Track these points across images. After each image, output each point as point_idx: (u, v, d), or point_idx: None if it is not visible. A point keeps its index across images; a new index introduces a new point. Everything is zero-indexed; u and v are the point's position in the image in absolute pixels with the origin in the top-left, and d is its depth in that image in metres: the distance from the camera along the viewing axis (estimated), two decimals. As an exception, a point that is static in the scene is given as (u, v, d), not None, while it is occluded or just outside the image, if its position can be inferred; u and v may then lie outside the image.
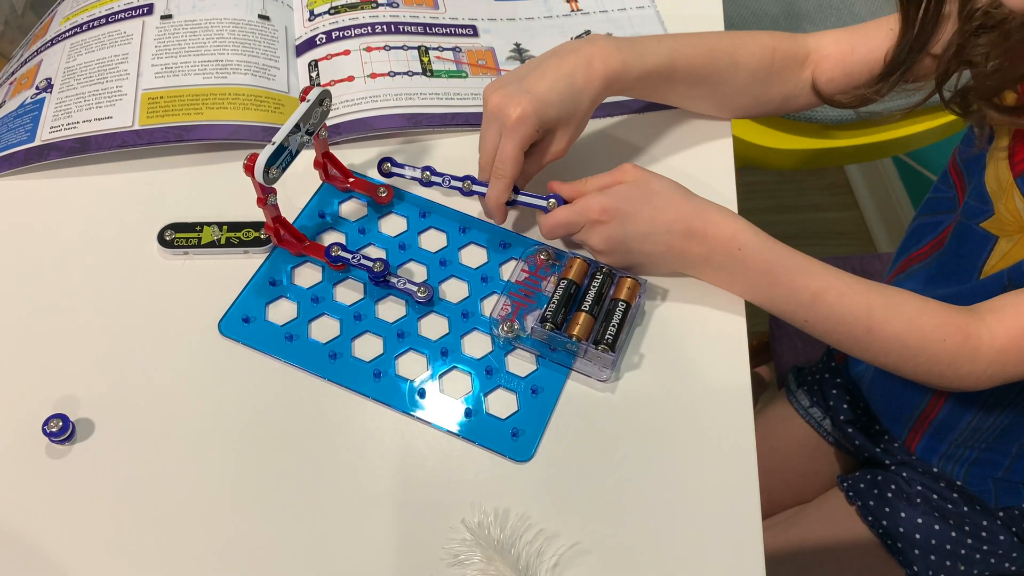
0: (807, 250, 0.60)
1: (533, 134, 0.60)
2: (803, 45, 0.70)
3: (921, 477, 0.75)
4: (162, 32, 0.76)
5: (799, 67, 0.70)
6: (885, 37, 0.67)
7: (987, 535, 0.72)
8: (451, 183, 0.66)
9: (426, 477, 0.56)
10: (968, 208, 0.66)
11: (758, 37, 0.70)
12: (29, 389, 0.58)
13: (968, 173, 0.67)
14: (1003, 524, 0.72)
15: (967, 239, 0.66)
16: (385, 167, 0.68)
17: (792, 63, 0.70)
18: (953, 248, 0.68)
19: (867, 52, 0.68)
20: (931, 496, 0.74)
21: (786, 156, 1.07)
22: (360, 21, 0.79)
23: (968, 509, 0.73)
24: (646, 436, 0.58)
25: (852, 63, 0.69)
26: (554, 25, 0.82)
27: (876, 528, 0.75)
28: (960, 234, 0.67)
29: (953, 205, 0.69)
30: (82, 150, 0.69)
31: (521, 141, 0.60)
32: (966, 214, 0.66)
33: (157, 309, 0.62)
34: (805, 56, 0.70)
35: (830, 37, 0.70)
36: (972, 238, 0.65)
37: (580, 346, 0.59)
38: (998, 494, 0.72)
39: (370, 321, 0.62)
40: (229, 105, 0.71)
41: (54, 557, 0.52)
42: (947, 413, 0.71)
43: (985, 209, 0.63)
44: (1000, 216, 0.62)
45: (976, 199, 0.65)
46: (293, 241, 0.65)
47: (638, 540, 0.54)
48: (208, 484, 0.55)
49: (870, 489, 0.77)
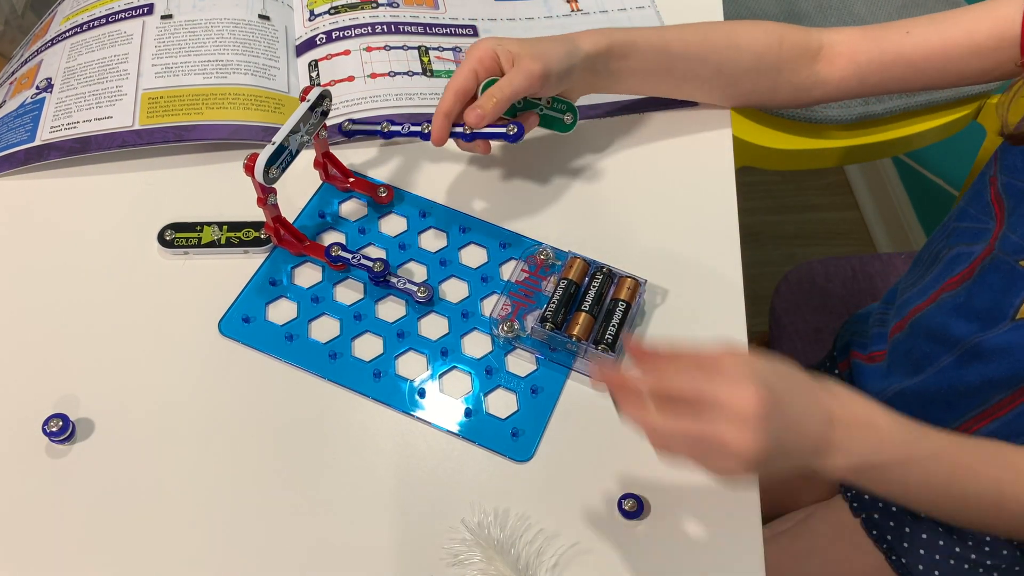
0: (807, 250, 0.59)
1: (534, 89, 0.61)
2: (815, 38, 0.70)
3: None
4: (162, 32, 0.76)
5: (811, 60, 0.70)
6: (899, 39, 0.67)
7: (990, 549, 0.72)
8: (410, 129, 0.65)
9: (426, 477, 0.56)
10: (1007, 242, 0.63)
11: (762, 24, 0.70)
12: (29, 389, 0.58)
13: (1011, 205, 0.64)
14: (1006, 539, 0.72)
15: (1003, 276, 0.63)
16: (346, 126, 0.68)
17: (803, 54, 0.69)
18: (987, 282, 0.65)
19: (880, 54, 0.68)
20: None
21: (786, 156, 1.07)
22: (360, 21, 0.79)
23: None
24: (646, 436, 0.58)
25: (865, 63, 0.69)
26: (554, 25, 0.82)
27: (881, 543, 0.74)
28: (995, 269, 0.64)
29: (989, 236, 0.66)
30: (82, 150, 0.69)
31: (525, 90, 0.61)
32: (1004, 248, 0.63)
33: (157, 309, 0.62)
34: (818, 49, 0.70)
35: (843, 35, 0.70)
36: (1009, 276, 0.62)
37: (580, 346, 0.59)
38: None
39: (370, 321, 0.62)
40: (229, 105, 0.71)
41: (54, 557, 0.52)
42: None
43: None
44: None
45: (1018, 234, 0.62)
46: (293, 241, 0.65)
47: (638, 540, 0.54)
48: (208, 484, 0.55)
49: (875, 502, 0.76)
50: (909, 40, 0.67)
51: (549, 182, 0.71)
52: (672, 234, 0.68)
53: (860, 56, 0.69)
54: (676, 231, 0.68)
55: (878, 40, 0.69)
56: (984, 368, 0.65)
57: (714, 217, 0.69)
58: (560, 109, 0.67)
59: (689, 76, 0.70)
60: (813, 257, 1.03)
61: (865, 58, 0.69)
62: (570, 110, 0.67)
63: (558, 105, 0.66)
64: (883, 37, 0.68)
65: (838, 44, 0.70)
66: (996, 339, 0.64)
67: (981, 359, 0.65)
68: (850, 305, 0.99)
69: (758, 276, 1.15)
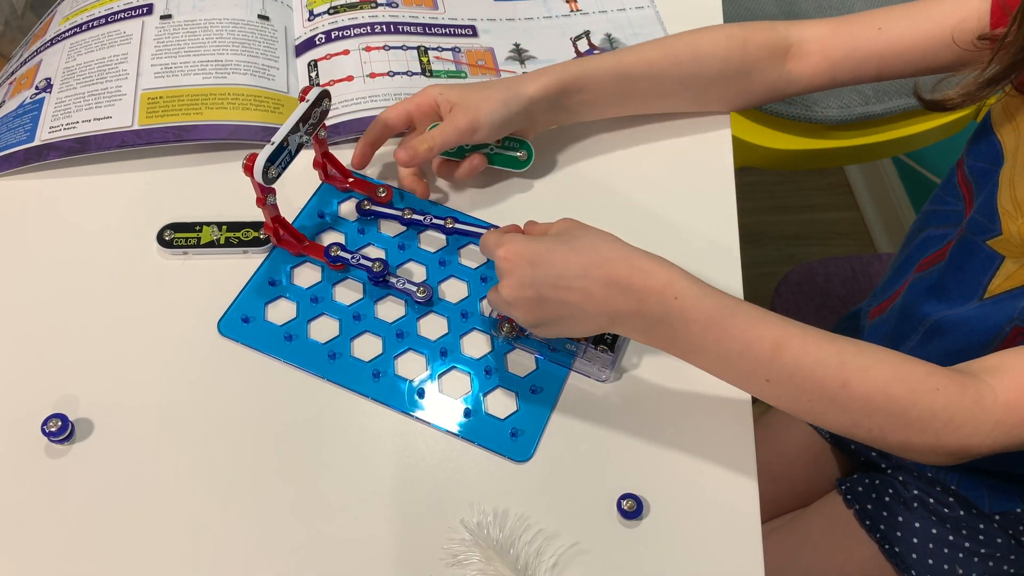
0: (807, 250, 0.59)
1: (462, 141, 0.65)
2: (783, 36, 0.69)
3: (917, 481, 0.75)
4: (162, 32, 0.76)
5: (780, 58, 0.70)
6: (872, 36, 0.67)
7: (984, 538, 0.72)
8: (432, 221, 0.67)
9: (425, 477, 0.56)
10: (975, 224, 0.64)
11: (725, 29, 0.70)
12: (28, 389, 0.58)
13: (978, 188, 0.65)
14: (999, 527, 0.72)
15: (972, 256, 0.64)
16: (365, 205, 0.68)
17: (771, 54, 0.69)
18: (957, 263, 0.67)
19: (853, 50, 0.68)
20: (928, 500, 0.74)
21: (786, 156, 1.07)
22: (359, 21, 0.79)
23: (964, 513, 0.72)
24: (646, 436, 0.58)
25: (838, 59, 0.69)
26: (553, 25, 0.82)
27: (874, 532, 0.75)
28: (965, 249, 0.66)
29: (960, 219, 0.68)
30: (81, 150, 0.69)
31: (455, 141, 0.64)
32: (972, 229, 0.64)
33: (156, 309, 0.62)
34: (787, 48, 0.70)
35: (815, 32, 0.69)
36: (977, 255, 0.64)
37: (579, 346, 0.59)
38: (991, 499, 0.71)
39: (369, 321, 0.62)
40: (228, 105, 0.71)
41: (53, 557, 0.52)
42: None
43: (992, 228, 0.62)
44: (1008, 237, 0.60)
45: (984, 216, 0.63)
46: (292, 241, 0.65)
47: (637, 540, 0.54)
48: (207, 484, 0.55)
49: (868, 493, 0.77)
50: (882, 36, 0.67)
51: (549, 182, 0.71)
52: (672, 234, 0.68)
53: (833, 53, 0.69)
54: (676, 231, 0.68)
55: (851, 37, 0.68)
56: (944, 341, 0.65)
57: (714, 217, 0.69)
58: (512, 147, 0.69)
59: (653, 93, 0.71)
60: (813, 257, 1.03)
61: (838, 55, 0.69)
62: (523, 147, 0.69)
63: (510, 143, 0.68)
64: (856, 33, 0.68)
65: (809, 42, 0.69)
66: (959, 315, 0.65)
67: (942, 334, 0.66)
68: (850, 305, 0.99)
69: (758, 276, 1.15)
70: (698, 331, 0.50)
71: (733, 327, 0.50)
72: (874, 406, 0.49)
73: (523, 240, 0.53)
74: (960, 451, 0.50)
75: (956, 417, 0.48)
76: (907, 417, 0.49)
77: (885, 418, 0.49)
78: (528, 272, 0.52)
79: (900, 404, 0.49)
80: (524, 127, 0.68)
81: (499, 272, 0.54)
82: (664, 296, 0.50)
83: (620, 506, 0.54)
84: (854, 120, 1.06)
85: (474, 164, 0.67)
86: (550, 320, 0.53)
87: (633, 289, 0.51)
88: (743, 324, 0.50)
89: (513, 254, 0.52)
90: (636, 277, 0.51)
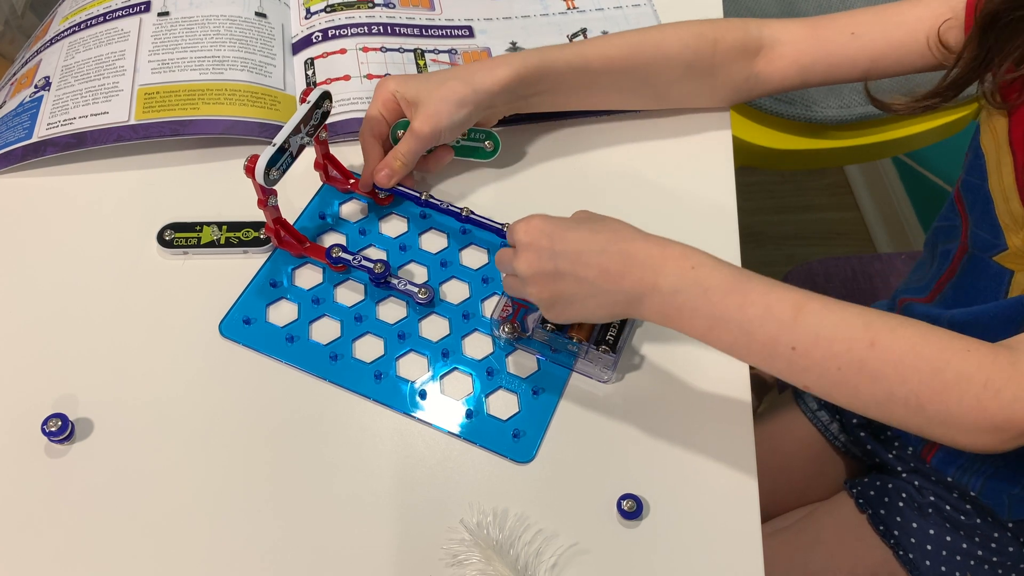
0: (807, 250, 0.59)
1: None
2: (755, 36, 0.69)
3: (934, 486, 0.74)
4: (159, 29, 0.76)
5: (750, 59, 0.69)
6: (845, 43, 0.67)
7: (996, 546, 0.71)
8: (449, 207, 0.67)
9: (425, 477, 0.56)
10: (979, 240, 0.63)
11: (694, 26, 0.69)
12: (28, 388, 0.58)
13: (970, 203, 0.65)
14: (1013, 535, 0.71)
15: (982, 273, 0.64)
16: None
17: (739, 55, 0.69)
18: (969, 280, 0.66)
19: (826, 55, 0.68)
20: (943, 506, 0.73)
21: (786, 156, 1.07)
22: (356, 20, 0.79)
23: (980, 520, 0.72)
24: (646, 436, 0.58)
25: (809, 64, 0.69)
26: (550, 23, 0.82)
27: (887, 539, 0.74)
28: (974, 266, 0.65)
29: (959, 234, 0.67)
30: (78, 145, 0.68)
31: (423, 148, 0.65)
32: (977, 246, 0.64)
33: (157, 309, 0.62)
34: (757, 48, 0.69)
35: (788, 34, 0.69)
36: (987, 272, 0.63)
37: (581, 347, 0.59)
38: (1011, 507, 0.71)
39: (371, 322, 0.62)
40: (225, 101, 0.71)
41: (53, 557, 0.52)
42: None
43: (997, 243, 0.61)
44: (1014, 251, 0.59)
45: (987, 231, 0.62)
46: (294, 242, 0.65)
47: (637, 540, 0.54)
48: (207, 484, 0.55)
49: (880, 497, 0.76)
50: (855, 43, 0.67)
51: (550, 182, 0.71)
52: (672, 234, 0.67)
53: (804, 58, 0.69)
54: (676, 231, 0.67)
55: (824, 42, 0.68)
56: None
57: (714, 217, 0.69)
58: (478, 138, 0.69)
59: (614, 89, 0.70)
60: (813, 257, 1.03)
61: (809, 59, 0.69)
62: (489, 137, 0.69)
63: (476, 135, 0.69)
64: (829, 39, 0.68)
65: (781, 44, 0.69)
66: (960, 315, 0.64)
67: (963, 329, 0.65)
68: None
69: (758, 276, 1.15)
70: (718, 298, 0.50)
71: (752, 290, 0.49)
72: (907, 367, 0.46)
73: (544, 217, 0.54)
74: (1006, 423, 0.45)
75: (994, 378, 0.45)
76: (943, 378, 0.45)
77: (920, 381, 0.46)
78: (547, 245, 0.53)
79: (933, 364, 0.46)
80: (485, 117, 0.68)
81: (518, 248, 0.54)
82: (681, 265, 0.51)
83: (620, 506, 0.54)
84: (854, 120, 1.05)
85: (440, 156, 0.68)
86: (565, 298, 0.53)
87: (651, 262, 0.51)
88: (762, 287, 0.49)
89: (534, 228, 0.54)
90: (654, 250, 0.52)
